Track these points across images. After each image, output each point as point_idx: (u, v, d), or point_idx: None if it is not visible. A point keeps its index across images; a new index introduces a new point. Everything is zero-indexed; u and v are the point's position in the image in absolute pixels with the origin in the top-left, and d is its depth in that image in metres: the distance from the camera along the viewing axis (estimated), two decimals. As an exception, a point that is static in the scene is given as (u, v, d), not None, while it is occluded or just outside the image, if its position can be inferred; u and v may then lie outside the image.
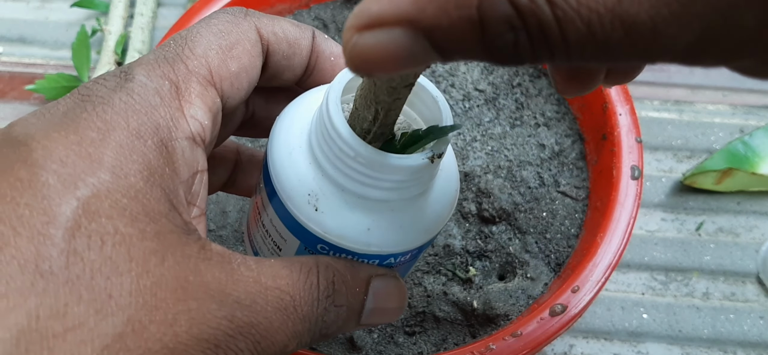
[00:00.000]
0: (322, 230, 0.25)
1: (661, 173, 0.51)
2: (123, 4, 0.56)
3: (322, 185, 0.25)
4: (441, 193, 0.27)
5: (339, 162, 0.24)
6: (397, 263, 0.27)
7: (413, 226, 0.26)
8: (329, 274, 0.25)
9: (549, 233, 0.42)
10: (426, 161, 0.24)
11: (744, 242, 0.48)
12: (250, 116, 0.30)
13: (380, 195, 0.25)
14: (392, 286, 0.27)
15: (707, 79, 0.55)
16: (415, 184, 0.25)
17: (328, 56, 0.29)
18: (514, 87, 0.47)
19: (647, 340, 0.44)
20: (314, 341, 0.25)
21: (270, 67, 0.28)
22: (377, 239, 0.25)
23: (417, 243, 0.26)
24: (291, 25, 0.28)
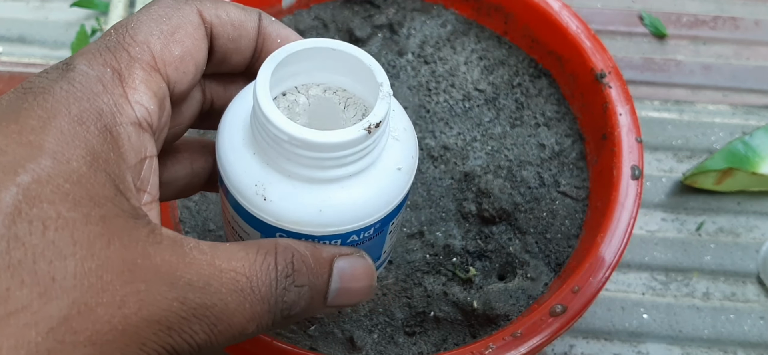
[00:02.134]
0: (275, 219, 0.25)
1: (662, 173, 0.51)
2: (122, 4, 0.56)
3: (267, 174, 0.25)
4: (396, 160, 0.27)
5: (278, 147, 0.24)
6: (362, 239, 0.27)
7: (369, 200, 0.26)
8: (288, 254, 0.25)
9: (549, 233, 0.42)
10: (362, 133, 0.24)
11: (744, 242, 0.48)
12: (210, 106, 0.30)
13: (326, 174, 0.25)
14: (359, 265, 0.27)
15: (708, 79, 0.55)
16: (359, 157, 0.25)
17: (275, 39, 0.29)
18: (514, 87, 0.47)
19: (647, 340, 0.44)
20: (278, 324, 0.25)
21: (217, 51, 0.28)
22: (331, 218, 0.25)
23: (376, 216, 0.26)
24: (236, 8, 0.28)
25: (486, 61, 0.48)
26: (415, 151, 0.28)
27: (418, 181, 0.44)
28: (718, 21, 0.58)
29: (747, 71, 0.55)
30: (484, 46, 0.49)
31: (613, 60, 0.44)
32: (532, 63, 0.48)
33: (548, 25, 0.46)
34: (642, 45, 0.57)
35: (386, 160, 0.26)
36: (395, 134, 0.27)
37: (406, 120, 0.28)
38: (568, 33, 0.45)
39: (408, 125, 0.28)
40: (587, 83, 0.44)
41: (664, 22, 0.57)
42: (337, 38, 0.49)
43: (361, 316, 0.40)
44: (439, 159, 0.44)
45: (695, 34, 0.57)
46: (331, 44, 0.26)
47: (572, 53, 0.45)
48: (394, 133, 0.27)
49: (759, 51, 0.56)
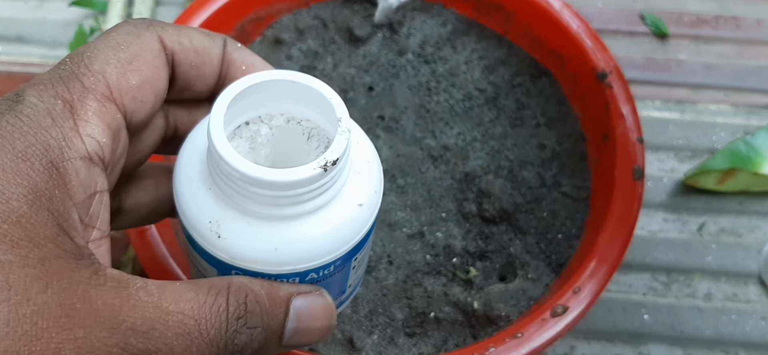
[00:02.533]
0: (229, 256, 0.25)
1: (663, 173, 0.50)
2: (121, 4, 0.55)
3: (222, 210, 0.25)
4: (358, 195, 0.26)
5: (232, 184, 0.24)
6: (322, 277, 0.26)
7: (327, 237, 0.25)
8: (241, 294, 0.24)
9: (550, 234, 0.42)
10: (318, 171, 0.23)
11: (746, 243, 0.48)
12: (174, 132, 0.29)
13: (282, 212, 0.24)
14: (317, 304, 0.26)
15: (709, 78, 0.55)
16: (317, 194, 0.24)
17: (240, 65, 0.28)
18: (514, 87, 0.47)
19: (649, 341, 0.44)
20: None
21: (179, 78, 0.27)
22: (287, 257, 0.25)
23: (336, 253, 0.26)
24: (200, 34, 0.27)
25: (486, 61, 0.48)
26: (379, 184, 0.27)
27: (419, 181, 0.43)
28: (719, 20, 0.58)
29: (749, 71, 0.55)
30: (485, 46, 0.48)
31: (615, 59, 0.44)
32: (532, 62, 0.47)
33: (549, 25, 0.46)
34: (643, 44, 0.56)
35: (347, 196, 0.26)
36: (358, 167, 0.26)
37: (371, 152, 0.28)
38: (569, 32, 0.45)
39: (373, 157, 0.28)
40: (588, 83, 0.44)
41: (666, 21, 0.57)
42: (337, 37, 0.49)
43: (361, 317, 0.39)
44: (440, 159, 0.44)
45: (697, 33, 0.57)
46: (290, 76, 0.26)
47: (573, 53, 0.45)
48: (356, 166, 0.26)
49: (761, 50, 0.56)
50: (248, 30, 0.48)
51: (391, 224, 0.42)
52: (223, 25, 0.47)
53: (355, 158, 0.27)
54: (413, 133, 0.45)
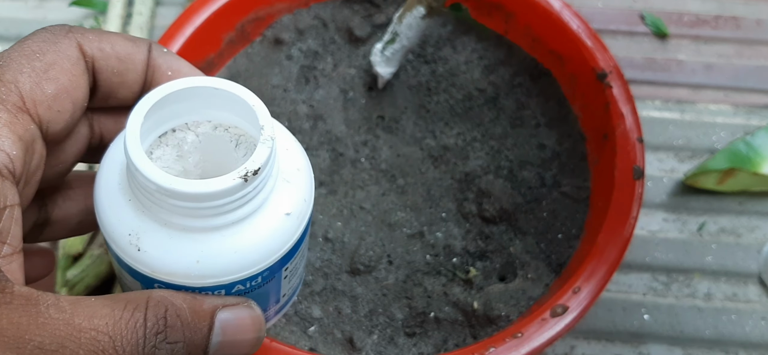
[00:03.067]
0: (150, 270, 0.24)
1: (663, 173, 0.51)
2: (121, 4, 0.55)
3: (142, 222, 0.24)
4: (285, 204, 0.25)
5: (150, 195, 0.23)
6: (250, 288, 0.26)
7: (252, 248, 0.24)
8: (160, 309, 0.23)
9: (550, 234, 0.42)
10: (238, 181, 0.23)
11: (746, 243, 0.48)
12: (100, 140, 0.29)
13: (203, 223, 0.23)
14: (244, 316, 0.25)
15: (709, 78, 0.55)
16: (239, 205, 0.23)
17: (166, 71, 0.27)
18: (514, 87, 0.47)
19: (649, 341, 0.44)
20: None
21: (101, 86, 0.26)
22: (210, 269, 0.24)
23: (263, 264, 0.25)
24: (123, 39, 0.27)
25: (486, 61, 0.48)
26: (309, 193, 0.26)
27: (419, 181, 0.43)
28: (719, 20, 0.58)
29: (749, 71, 0.55)
30: (485, 46, 0.48)
31: (615, 59, 0.44)
32: (532, 62, 0.47)
33: (549, 25, 0.46)
34: (643, 44, 0.56)
35: (274, 205, 0.25)
36: (286, 176, 0.26)
37: (302, 159, 0.27)
38: (569, 32, 0.45)
39: (303, 165, 0.27)
40: (588, 83, 0.44)
41: (666, 21, 0.57)
42: (337, 37, 0.49)
43: (361, 317, 0.39)
44: (440, 159, 0.44)
45: (697, 33, 0.57)
46: (213, 83, 0.25)
47: (573, 53, 0.45)
48: (285, 174, 0.26)
49: (761, 50, 0.56)
50: (248, 30, 0.48)
51: (391, 224, 0.42)
52: (223, 25, 0.47)
53: (283, 166, 0.26)
54: (413, 133, 0.45)
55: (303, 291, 0.40)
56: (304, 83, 0.47)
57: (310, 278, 0.40)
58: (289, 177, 0.26)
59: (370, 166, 0.44)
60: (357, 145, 0.45)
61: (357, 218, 0.42)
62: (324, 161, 0.44)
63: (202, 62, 0.46)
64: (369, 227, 0.42)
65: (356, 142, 0.45)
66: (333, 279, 0.40)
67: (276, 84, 0.47)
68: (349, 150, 0.45)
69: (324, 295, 0.40)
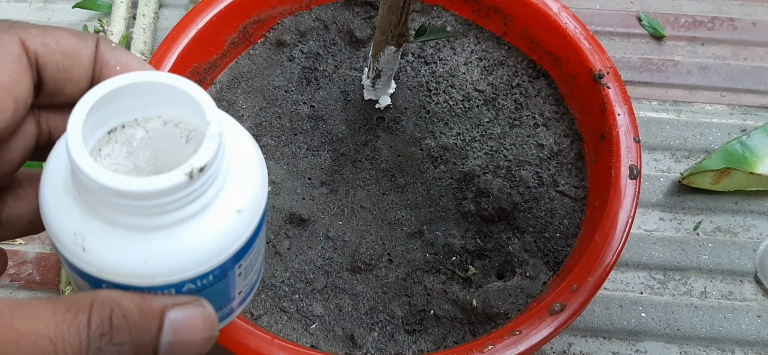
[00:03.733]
0: (97, 270, 0.23)
1: (659, 173, 0.51)
2: (125, 5, 0.56)
3: (87, 221, 0.23)
4: (236, 201, 0.24)
5: (94, 194, 0.22)
6: (201, 287, 0.25)
7: (202, 246, 0.24)
8: (105, 310, 0.22)
9: (548, 233, 0.42)
10: (184, 179, 0.22)
11: (742, 242, 0.48)
12: (48, 138, 0.28)
13: (150, 222, 0.23)
14: (195, 315, 0.25)
15: (705, 79, 0.55)
16: (186, 202, 0.23)
17: (114, 66, 0.26)
18: (513, 87, 0.47)
19: (645, 338, 0.45)
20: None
21: (46, 82, 0.26)
22: (158, 268, 0.23)
23: (213, 262, 0.24)
24: (68, 34, 0.26)
25: (485, 62, 0.48)
26: (261, 189, 0.26)
27: (418, 181, 0.44)
28: (715, 22, 0.58)
29: (744, 72, 0.56)
30: (484, 47, 0.49)
31: (612, 61, 0.45)
32: (530, 64, 0.48)
33: (547, 27, 0.47)
34: (640, 46, 0.57)
35: (224, 201, 0.24)
36: (238, 172, 0.25)
37: (254, 155, 0.26)
38: (566, 34, 0.46)
39: (256, 160, 0.26)
40: (586, 84, 0.45)
41: (662, 23, 0.58)
42: (338, 39, 0.49)
43: (362, 314, 0.40)
44: (439, 159, 0.45)
45: (693, 34, 0.58)
46: (158, 78, 0.24)
47: (571, 54, 0.46)
48: (236, 170, 0.25)
49: (756, 52, 0.57)
50: (251, 32, 0.49)
51: (391, 222, 0.43)
52: (226, 27, 0.47)
53: (234, 162, 0.25)
54: (413, 133, 0.46)
55: (304, 289, 0.41)
56: (306, 84, 0.48)
57: (312, 276, 0.41)
58: (240, 173, 0.25)
59: (371, 166, 0.45)
60: (357, 145, 0.45)
61: (358, 216, 0.43)
62: (325, 161, 0.45)
63: (205, 63, 0.47)
64: (369, 225, 0.43)
65: (357, 143, 0.45)
66: (334, 277, 0.41)
67: (278, 85, 0.47)
68: (349, 150, 0.45)
69: (325, 292, 0.41)
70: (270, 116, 0.46)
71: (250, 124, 0.46)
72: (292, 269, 0.41)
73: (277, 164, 0.44)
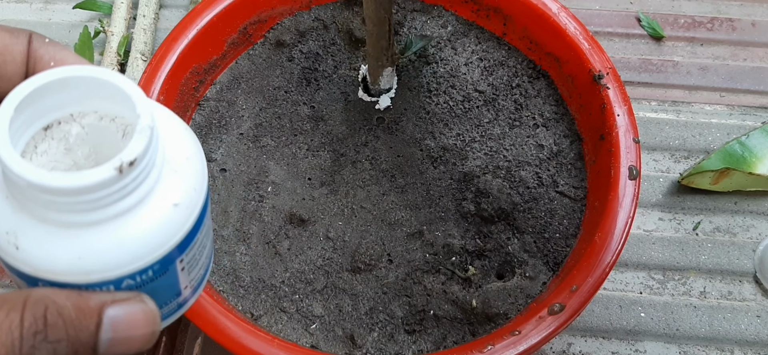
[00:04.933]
0: (31, 268, 0.23)
1: (659, 173, 0.51)
2: (125, 6, 0.56)
3: (20, 219, 0.23)
4: (172, 195, 0.24)
5: (23, 191, 0.22)
6: (142, 282, 0.25)
7: (138, 241, 0.23)
8: (39, 308, 0.22)
9: (547, 233, 0.42)
10: (113, 173, 0.21)
11: (741, 242, 0.48)
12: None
13: (83, 218, 0.22)
14: (136, 310, 0.24)
15: (705, 80, 0.55)
16: (119, 197, 0.22)
17: (48, 62, 0.26)
18: (513, 88, 0.47)
19: (645, 338, 0.45)
20: None
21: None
22: (94, 265, 0.23)
23: (150, 257, 0.24)
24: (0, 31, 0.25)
25: (486, 63, 0.48)
26: (200, 182, 0.25)
27: (418, 181, 0.44)
28: (715, 22, 0.58)
29: (744, 72, 0.56)
30: (484, 48, 0.49)
31: (611, 61, 0.45)
32: (530, 64, 0.48)
33: (547, 27, 0.47)
34: (639, 46, 0.57)
35: (160, 195, 0.24)
36: (174, 165, 0.25)
37: (192, 147, 0.26)
38: (566, 35, 0.46)
39: (194, 153, 0.26)
40: (585, 84, 0.45)
41: (662, 23, 0.58)
42: (338, 39, 0.49)
43: (362, 314, 0.40)
44: (439, 160, 0.45)
45: (692, 35, 0.58)
46: (90, 72, 0.24)
47: (570, 55, 0.46)
48: (173, 163, 0.25)
49: (755, 52, 0.57)
50: (250, 32, 0.49)
51: (391, 223, 0.43)
52: (226, 27, 0.47)
53: (171, 155, 0.25)
54: (413, 133, 0.46)
55: (304, 289, 0.41)
56: (306, 85, 0.48)
57: (312, 276, 0.41)
58: (176, 166, 0.25)
59: (371, 166, 0.45)
60: (357, 145, 0.45)
61: (358, 217, 0.43)
62: (325, 162, 0.45)
63: (205, 64, 0.47)
64: (369, 226, 0.43)
65: (357, 143, 0.45)
66: (334, 277, 0.41)
67: (278, 85, 0.48)
68: (349, 150, 0.45)
69: (325, 293, 0.41)
70: (270, 117, 0.46)
71: (250, 125, 0.46)
72: (292, 269, 0.41)
73: (277, 165, 0.45)
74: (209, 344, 0.44)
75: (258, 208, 0.43)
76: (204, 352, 0.44)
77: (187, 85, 0.46)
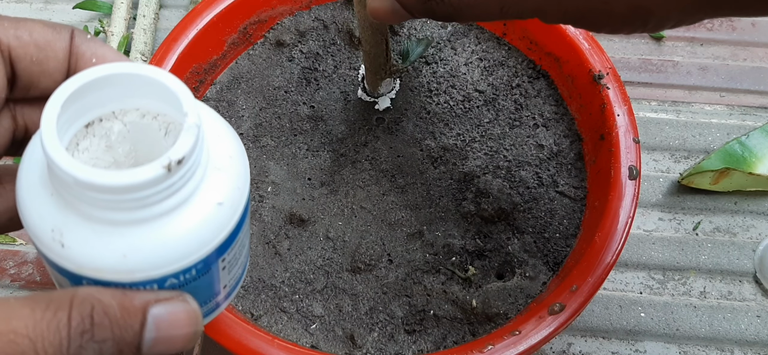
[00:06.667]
0: (76, 266, 0.23)
1: (659, 173, 0.51)
2: (125, 6, 0.56)
3: (65, 217, 0.23)
4: (217, 193, 0.24)
5: (70, 189, 0.22)
6: (185, 281, 0.25)
7: (183, 240, 0.23)
8: (86, 307, 0.22)
9: (547, 233, 0.42)
10: (161, 172, 0.21)
11: (741, 242, 0.48)
12: (24, 132, 0.27)
13: (129, 216, 0.22)
14: (179, 310, 0.24)
15: (705, 80, 0.56)
16: (166, 196, 0.22)
17: (90, 58, 0.26)
18: (513, 88, 0.47)
19: (645, 338, 0.45)
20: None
21: (20, 75, 0.25)
22: (139, 263, 0.23)
23: (194, 256, 0.24)
24: (42, 26, 0.25)
25: (486, 63, 0.48)
26: (242, 181, 0.25)
27: (418, 181, 0.44)
28: (715, 22, 0.58)
29: (744, 72, 0.56)
30: (484, 48, 0.49)
31: (611, 61, 0.45)
32: (530, 64, 0.48)
33: (546, 27, 0.47)
34: (639, 46, 0.57)
35: (205, 194, 0.24)
36: (218, 163, 0.24)
37: (234, 146, 0.26)
38: (566, 35, 0.46)
39: (236, 151, 0.26)
40: (585, 84, 0.45)
41: (662, 23, 0.58)
42: (338, 39, 0.49)
43: (362, 314, 0.40)
44: (439, 160, 0.45)
45: (692, 35, 0.58)
46: (135, 69, 0.24)
47: (570, 55, 0.46)
48: (216, 162, 0.24)
49: (756, 52, 0.57)
50: (250, 32, 0.49)
51: (391, 223, 0.43)
52: (226, 27, 0.47)
53: (214, 153, 0.25)
54: (413, 134, 0.46)
55: (304, 289, 0.41)
56: (306, 85, 0.48)
57: (312, 276, 0.41)
58: (220, 165, 0.25)
59: (371, 166, 0.45)
60: (357, 145, 0.45)
61: (358, 217, 0.43)
62: (325, 162, 0.45)
63: (205, 64, 0.47)
64: (369, 226, 0.43)
65: (357, 143, 0.45)
66: (334, 277, 0.41)
67: (278, 85, 0.48)
68: (349, 151, 0.45)
69: (325, 293, 0.41)
70: (270, 117, 0.46)
71: (250, 125, 0.46)
72: (292, 269, 0.41)
73: (277, 165, 0.45)
74: (209, 344, 0.44)
75: (258, 208, 0.43)
76: (204, 352, 0.44)
77: (187, 85, 0.46)
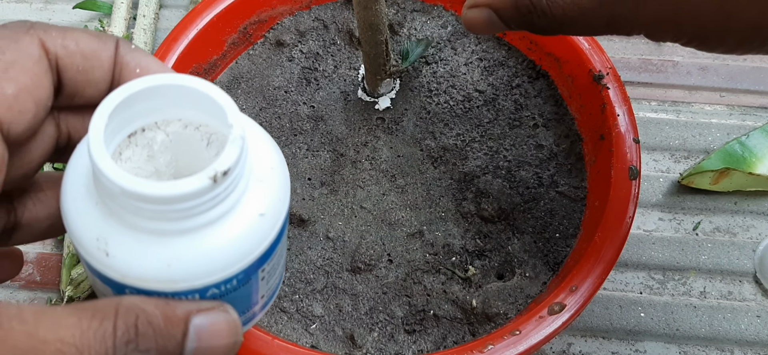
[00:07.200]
0: (120, 275, 0.23)
1: (659, 173, 0.51)
2: (125, 6, 0.56)
3: (110, 226, 0.23)
4: (259, 204, 0.24)
5: (116, 198, 0.22)
6: (226, 291, 0.25)
7: (226, 250, 0.24)
8: (130, 317, 0.22)
9: (547, 233, 0.42)
10: (207, 183, 0.22)
11: (741, 242, 0.48)
12: (68, 140, 0.27)
13: (173, 226, 0.23)
14: (220, 320, 0.24)
15: (705, 80, 0.56)
16: (210, 207, 0.23)
17: (134, 68, 0.26)
18: (513, 88, 0.47)
19: (645, 338, 0.45)
20: None
21: (66, 84, 0.25)
22: (182, 273, 0.23)
23: (236, 267, 0.24)
24: (88, 36, 0.26)
25: (486, 63, 0.49)
26: (284, 192, 0.26)
27: (418, 181, 0.44)
28: (715, 22, 0.58)
29: (744, 72, 0.56)
30: (484, 48, 0.49)
31: (611, 61, 0.45)
32: (530, 64, 0.48)
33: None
34: (639, 46, 0.57)
35: (247, 205, 0.24)
36: (260, 174, 0.25)
37: (275, 157, 0.26)
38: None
39: (277, 163, 0.26)
40: (585, 84, 0.45)
41: (662, 23, 0.58)
42: (337, 39, 0.49)
43: (362, 314, 0.40)
44: (439, 160, 0.45)
45: (693, 35, 0.58)
46: (179, 80, 0.24)
47: (570, 55, 0.46)
48: (258, 173, 0.25)
49: (756, 52, 0.57)
50: (250, 32, 0.49)
51: (391, 223, 0.43)
52: (226, 27, 0.47)
53: (256, 165, 0.25)
54: (413, 134, 0.46)
55: (304, 289, 0.41)
56: (306, 84, 0.48)
57: (312, 276, 0.41)
58: (262, 176, 0.25)
59: (371, 166, 0.45)
60: (357, 145, 0.45)
61: (358, 217, 0.43)
62: (325, 162, 0.45)
63: (205, 64, 0.47)
64: (369, 226, 0.43)
65: (357, 143, 0.45)
66: (334, 277, 0.41)
67: (278, 85, 0.48)
68: (349, 150, 0.45)
69: (325, 293, 0.41)
70: (270, 117, 0.46)
71: (250, 125, 0.46)
72: (292, 269, 0.41)
73: (277, 165, 0.45)
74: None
75: (258, 208, 0.43)
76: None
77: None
